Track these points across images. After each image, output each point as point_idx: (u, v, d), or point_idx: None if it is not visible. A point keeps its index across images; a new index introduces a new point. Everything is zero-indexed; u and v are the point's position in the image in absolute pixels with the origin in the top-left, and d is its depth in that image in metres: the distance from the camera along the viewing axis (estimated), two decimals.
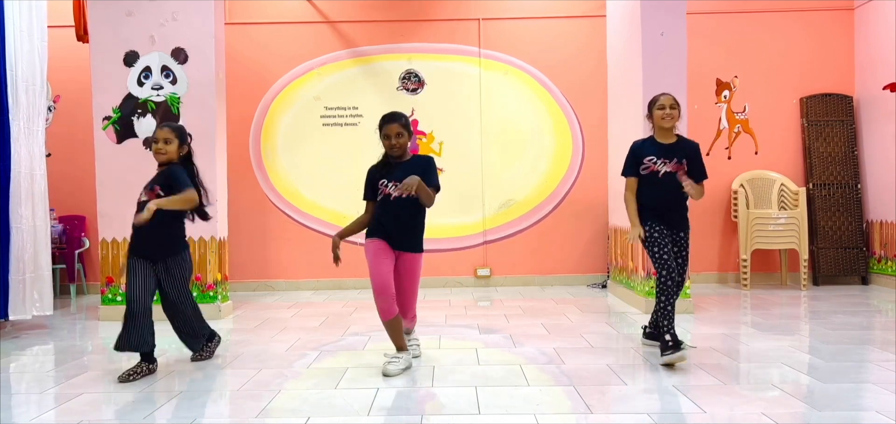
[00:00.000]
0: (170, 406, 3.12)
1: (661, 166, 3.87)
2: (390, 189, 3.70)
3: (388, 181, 3.71)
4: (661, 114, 3.89)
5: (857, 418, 2.81)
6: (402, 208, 3.69)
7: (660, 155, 3.89)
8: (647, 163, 3.90)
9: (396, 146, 3.70)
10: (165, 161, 3.80)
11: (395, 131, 3.69)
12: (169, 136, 3.81)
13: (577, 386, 3.33)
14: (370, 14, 7.37)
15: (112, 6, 5.49)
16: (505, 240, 7.40)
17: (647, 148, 3.95)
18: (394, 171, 3.71)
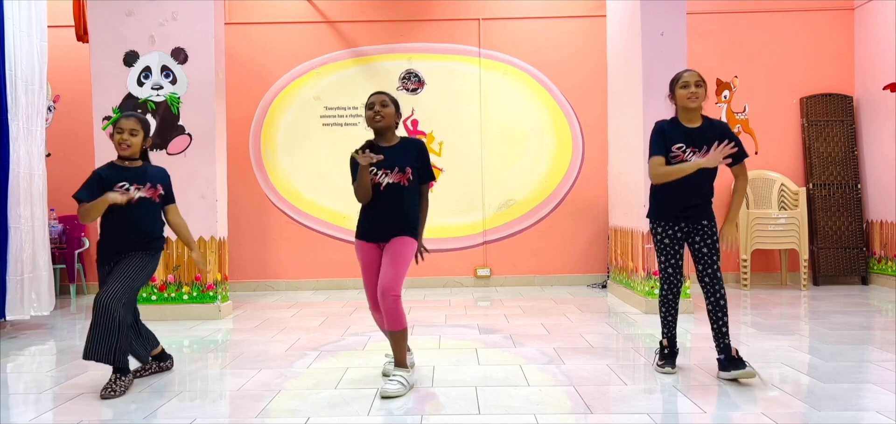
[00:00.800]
0: (170, 406, 3.12)
1: (689, 156, 3.39)
2: (380, 178, 3.35)
3: (378, 169, 3.35)
4: (685, 94, 3.41)
5: (857, 418, 2.81)
6: (394, 198, 3.36)
7: (689, 143, 3.41)
8: (676, 151, 3.41)
9: (381, 116, 3.37)
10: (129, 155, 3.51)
11: (380, 101, 3.40)
12: (135, 126, 3.52)
13: (577, 386, 3.33)
14: (370, 14, 7.37)
15: (112, 6, 5.49)
16: (505, 240, 7.40)
17: (673, 133, 3.45)
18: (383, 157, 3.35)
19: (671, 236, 3.50)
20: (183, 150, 5.49)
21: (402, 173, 3.37)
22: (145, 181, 3.57)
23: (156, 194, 3.60)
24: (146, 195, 3.55)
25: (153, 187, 3.59)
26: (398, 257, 3.31)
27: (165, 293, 5.47)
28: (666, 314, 3.61)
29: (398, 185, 3.36)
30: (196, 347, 4.52)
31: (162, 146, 5.50)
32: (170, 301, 5.46)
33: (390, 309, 3.26)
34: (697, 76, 3.44)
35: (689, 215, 3.47)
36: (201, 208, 5.46)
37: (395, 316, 3.28)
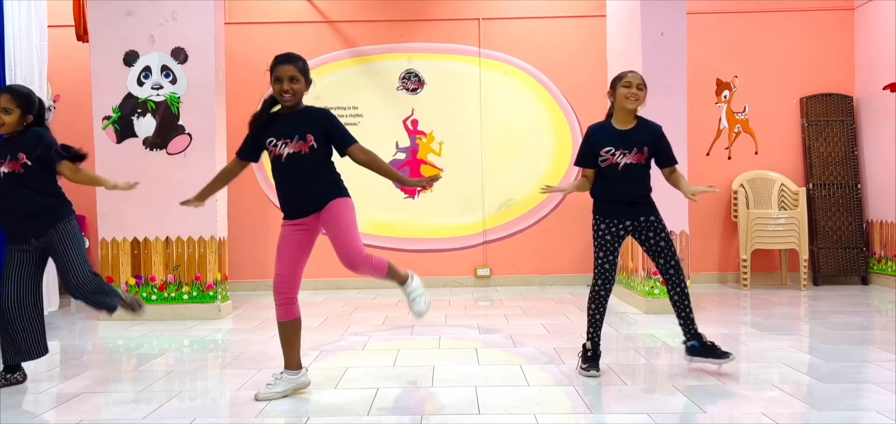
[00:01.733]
0: (169, 406, 3.12)
1: (620, 158, 3.45)
2: (281, 148, 3.09)
3: (277, 139, 3.10)
4: (625, 93, 3.44)
5: (857, 418, 2.81)
6: (300, 167, 3.09)
7: (618, 145, 3.46)
8: (605, 154, 3.47)
9: (289, 92, 3.13)
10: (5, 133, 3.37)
11: (288, 74, 3.12)
12: (8, 105, 3.33)
13: (577, 386, 3.33)
14: (370, 14, 7.37)
15: (112, 6, 5.48)
16: (505, 240, 7.39)
17: (603, 136, 3.53)
18: (283, 124, 3.14)
19: (613, 233, 3.54)
20: (183, 150, 5.49)
21: (302, 140, 3.09)
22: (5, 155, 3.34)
23: (17, 165, 3.33)
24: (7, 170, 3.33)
25: (13, 158, 3.33)
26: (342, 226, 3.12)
27: (165, 293, 5.47)
28: (594, 312, 3.55)
29: (299, 154, 3.08)
30: (196, 347, 4.52)
31: (162, 146, 5.50)
32: (170, 301, 5.46)
33: (366, 267, 3.16)
34: (640, 79, 3.49)
35: (633, 211, 3.51)
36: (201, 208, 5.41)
37: (375, 269, 3.21)
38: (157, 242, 5.47)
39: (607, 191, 3.55)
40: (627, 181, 3.48)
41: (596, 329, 3.56)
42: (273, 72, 3.18)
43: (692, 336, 3.57)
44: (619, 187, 3.50)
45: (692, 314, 3.58)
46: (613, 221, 3.53)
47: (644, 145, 3.48)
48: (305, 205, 3.14)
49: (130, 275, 5.46)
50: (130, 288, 5.45)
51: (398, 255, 7.31)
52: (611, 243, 3.54)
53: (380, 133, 7.21)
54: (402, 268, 3.38)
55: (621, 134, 3.50)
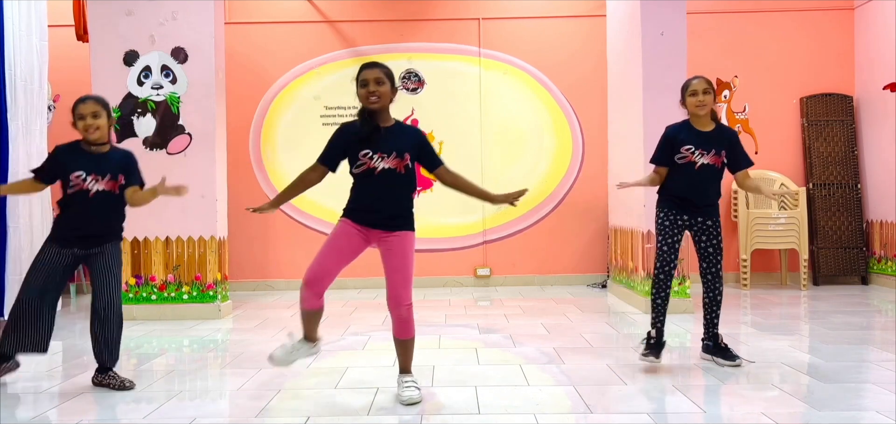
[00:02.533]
0: (169, 406, 3.12)
1: (698, 158, 3.60)
2: (376, 162, 3.06)
3: (374, 153, 3.07)
4: (694, 102, 3.61)
5: (857, 418, 2.81)
6: (391, 184, 3.09)
7: (698, 145, 3.60)
8: (685, 152, 3.61)
9: (376, 95, 3.11)
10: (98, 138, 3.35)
11: (374, 77, 3.11)
12: (97, 109, 3.33)
13: (577, 386, 3.33)
14: (370, 14, 7.37)
15: (112, 6, 5.48)
16: (505, 240, 7.39)
17: (684, 135, 3.65)
18: (380, 140, 3.11)
19: (672, 220, 3.68)
20: (183, 150, 5.49)
21: (399, 158, 3.08)
22: (106, 172, 3.36)
23: (115, 186, 3.39)
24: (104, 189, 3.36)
25: (113, 178, 3.38)
26: (405, 262, 3.09)
27: (165, 292, 5.47)
28: (656, 296, 3.67)
29: (394, 171, 3.08)
30: (196, 347, 4.52)
31: (162, 146, 5.50)
32: (170, 301, 5.46)
33: (404, 318, 3.12)
34: (706, 84, 3.63)
35: (696, 212, 3.68)
36: (201, 208, 5.45)
37: (407, 325, 3.14)
38: (156, 242, 5.47)
39: (679, 189, 3.67)
40: (701, 182, 3.62)
41: (658, 316, 3.66)
42: (359, 77, 3.19)
43: (710, 337, 3.76)
44: (693, 186, 3.64)
45: (717, 320, 3.75)
46: (673, 211, 3.67)
47: (722, 149, 3.63)
48: (390, 223, 3.12)
49: (130, 275, 5.46)
50: (130, 288, 5.45)
51: None
52: (670, 228, 3.67)
53: None
54: None
55: (702, 135, 3.64)
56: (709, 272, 3.71)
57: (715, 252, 3.68)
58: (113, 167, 3.38)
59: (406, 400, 3.07)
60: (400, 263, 3.09)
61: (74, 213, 3.37)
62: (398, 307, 3.10)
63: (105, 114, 3.38)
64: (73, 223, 3.38)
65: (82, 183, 3.31)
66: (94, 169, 3.34)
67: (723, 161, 3.65)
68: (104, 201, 3.37)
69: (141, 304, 5.44)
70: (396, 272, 3.08)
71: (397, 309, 3.10)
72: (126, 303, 5.36)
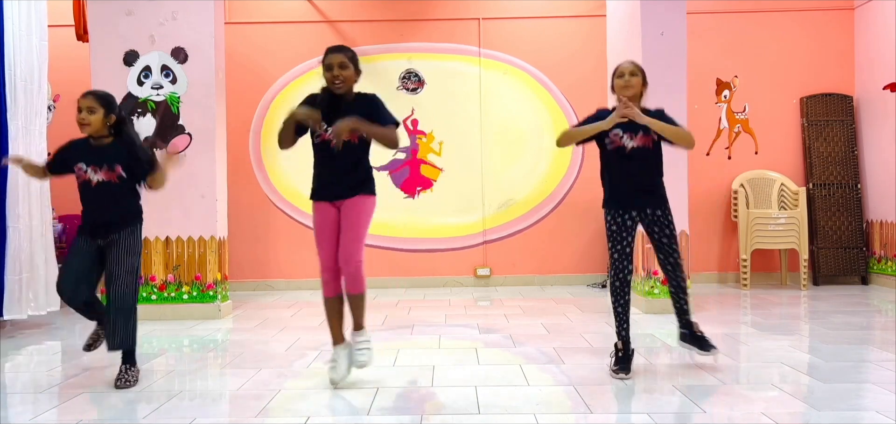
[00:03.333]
0: (169, 406, 3.12)
1: (628, 141, 3.50)
2: (329, 135, 3.30)
3: (329, 126, 3.30)
4: (620, 83, 3.53)
5: (857, 418, 2.81)
6: (341, 156, 3.30)
7: (625, 128, 3.50)
8: (613, 137, 3.52)
9: (339, 78, 3.30)
10: (90, 133, 3.49)
11: (338, 61, 3.31)
12: (92, 104, 3.45)
13: (577, 386, 3.33)
14: (370, 14, 7.37)
15: (112, 6, 5.48)
16: (505, 240, 7.39)
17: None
18: (336, 113, 3.30)
19: (620, 224, 3.56)
20: (183, 150, 5.49)
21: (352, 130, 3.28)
22: (102, 163, 3.47)
23: (113, 176, 3.48)
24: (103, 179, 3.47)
25: (110, 168, 3.48)
26: (358, 222, 3.33)
27: (165, 292, 5.47)
28: (615, 305, 3.58)
29: (350, 143, 3.30)
30: (196, 347, 4.52)
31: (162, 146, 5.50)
32: (170, 301, 5.46)
33: (353, 274, 3.34)
34: (633, 66, 3.58)
35: (639, 202, 3.56)
36: (201, 208, 5.46)
37: (357, 280, 3.35)
38: (157, 241, 5.47)
39: (615, 177, 3.59)
40: (636, 167, 3.53)
41: (621, 324, 3.57)
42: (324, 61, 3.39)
43: (684, 325, 3.72)
44: (628, 172, 3.55)
45: (686, 307, 3.70)
46: (619, 211, 3.57)
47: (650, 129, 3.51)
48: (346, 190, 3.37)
49: None
50: None
51: (398, 255, 7.32)
52: (618, 232, 3.56)
53: None
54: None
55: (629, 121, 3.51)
56: (668, 261, 3.60)
57: (669, 241, 3.57)
58: (111, 158, 3.50)
59: (359, 364, 3.38)
60: (353, 223, 3.33)
61: (86, 204, 3.55)
62: (347, 264, 3.32)
63: (102, 110, 3.48)
64: (87, 215, 3.56)
65: (84, 174, 3.49)
66: (94, 161, 3.49)
67: (654, 139, 3.53)
68: (105, 191, 3.49)
69: (141, 304, 5.37)
70: (348, 232, 3.33)
71: (347, 266, 3.33)
72: None
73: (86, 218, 3.56)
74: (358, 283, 3.36)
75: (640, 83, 3.57)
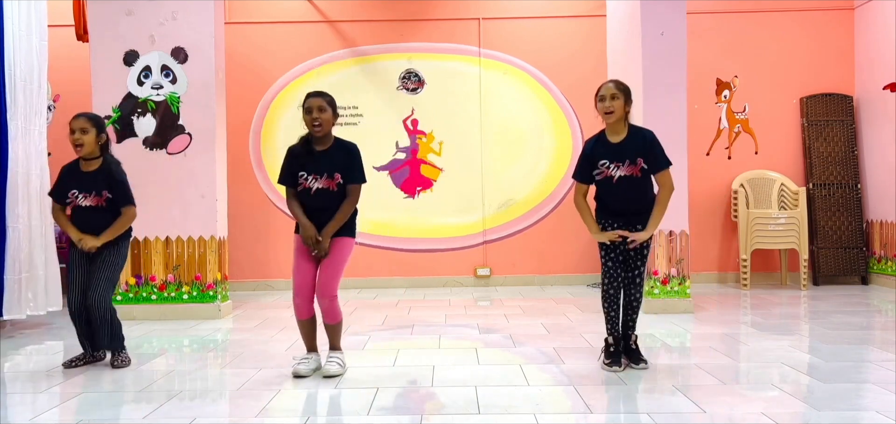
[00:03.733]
0: (169, 406, 3.12)
1: (614, 171, 3.48)
2: (310, 183, 3.50)
3: (308, 174, 3.50)
4: (602, 108, 3.49)
5: (857, 418, 2.81)
6: (322, 201, 3.51)
7: (611, 158, 3.49)
8: (601, 167, 3.52)
9: (318, 121, 3.46)
10: (87, 154, 3.78)
11: (317, 105, 3.48)
12: (85, 125, 3.75)
13: (577, 386, 3.33)
14: (370, 14, 7.37)
15: (112, 5, 5.48)
16: (505, 240, 7.39)
17: (600, 150, 3.55)
18: (314, 161, 3.51)
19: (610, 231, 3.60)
20: (183, 149, 5.49)
21: (330, 179, 3.50)
22: (91, 189, 3.79)
23: (102, 200, 3.79)
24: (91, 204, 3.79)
25: (98, 194, 3.79)
26: (336, 262, 3.55)
27: (165, 292, 5.47)
28: (609, 309, 3.65)
29: (327, 190, 3.50)
30: (196, 347, 4.52)
31: (162, 146, 5.50)
32: (170, 301, 5.46)
33: (328, 308, 3.58)
34: (613, 89, 3.51)
35: (627, 220, 3.57)
36: (201, 208, 5.46)
37: (332, 313, 3.62)
38: (157, 241, 5.47)
39: (605, 198, 3.64)
40: (623, 193, 3.54)
41: (613, 325, 3.65)
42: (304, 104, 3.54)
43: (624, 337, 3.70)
44: (616, 198, 3.57)
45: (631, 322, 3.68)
46: (608, 222, 3.62)
47: (637, 156, 3.48)
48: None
49: (130, 275, 5.46)
50: (130, 288, 5.45)
51: (398, 255, 7.32)
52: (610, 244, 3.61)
53: (380, 133, 7.22)
54: None
55: (614, 147, 3.52)
56: (628, 276, 3.61)
57: (635, 256, 3.58)
58: (98, 184, 3.81)
59: (326, 373, 3.55)
60: (333, 261, 3.55)
61: (77, 223, 3.85)
62: (323, 296, 3.55)
63: (94, 130, 3.77)
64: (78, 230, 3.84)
65: (75, 200, 3.82)
66: (84, 188, 3.81)
67: (642, 168, 3.48)
68: (94, 213, 3.81)
69: (141, 304, 5.44)
70: (328, 268, 3.55)
71: (323, 298, 3.56)
72: (126, 303, 5.38)
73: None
74: (334, 314, 3.63)
75: (623, 106, 3.51)
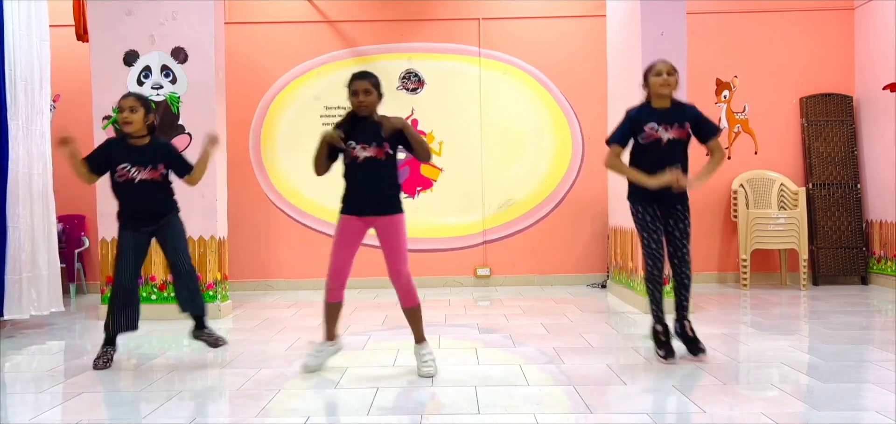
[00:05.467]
0: (169, 406, 3.12)
1: (663, 133, 3.60)
2: (358, 151, 3.46)
3: (356, 143, 3.47)
4: (658, 81, 3.62)
5: (856, 418, 2.81)
6: (372, 171, 3.49)
7: (661, 121, 3.61)
8: (649, 131, 3.61)
9: (364, 103, 3.46)
10: (135, 131, 3.80)
11: (363, 88, 3.46)
12: (134, 104, 3.77)
13: (577, 386, 3.33)
14: (370, 14, 7.37)
15: (112, 5, 5.48)
16: (505, 240, 7.40)
17: (645, 115, 3.66)
18: (361, 130, 3.48)
19: (651, 214, 3.71)
20: (183, 149, 5.48)
21: (379, 147, 3.47)
22: (146, 163, 3.79)
23: (157, 174, 3.82)
24: (147, 178, 3.80)
25: (154, 167, 3.81)
26: (398, 241, 3.56)
27: (165, 292, 5.47)
28: (653, 291, 3.73)
29: (375, 159, 3.47)
30: (196, 346, 4.51)
31: None
32: (170, 301, 5.44)
33: (405, 288, 3.58)
34: (670, 66, 3.68)
35: (663, 199, 3.69)
36: (201, 208, 5.45)
37: (410, 293, 3.60)
38: None
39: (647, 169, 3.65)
40: (668, 159, 3.61)
41: (661, 309, 3.72)
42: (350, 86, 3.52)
43: (679, 320, 3.84)
44: (660, 165, 3.62)
45: (686, 304, 3.80)
46: (649, 205, 3.70)
47: (686, 120, 3.66)
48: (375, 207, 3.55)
49: None
50: None
51: None
52: (651, 222, 3.70)
53: None
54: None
55: (662, 112, 3.66)
56: (675, 256, 3.75)
57: (681, 236, 3.71)
58: (154, 158, 3.83)
59: (425, 374, 3.53)
60: (395, 241, 3.56)
61: (127, 200, 3.83)
62: (398, 277, 3.58)
63: (142, 109, 3.79)
64: (130, 209, 3.84)
65: (127, 173, 3.78)
66: (137, 161, 3.78)
67: (688, 133, 3.68)
68: (150, 188, 3.83)
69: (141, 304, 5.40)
70: (393, 249, 3.57)
71: (398, 279, 3.58)
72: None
73: (127, 213, 3.85)
74: (411, 296, 3.61)
75: (676, 82, 3.69)
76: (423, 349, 3.66)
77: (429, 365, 3.58)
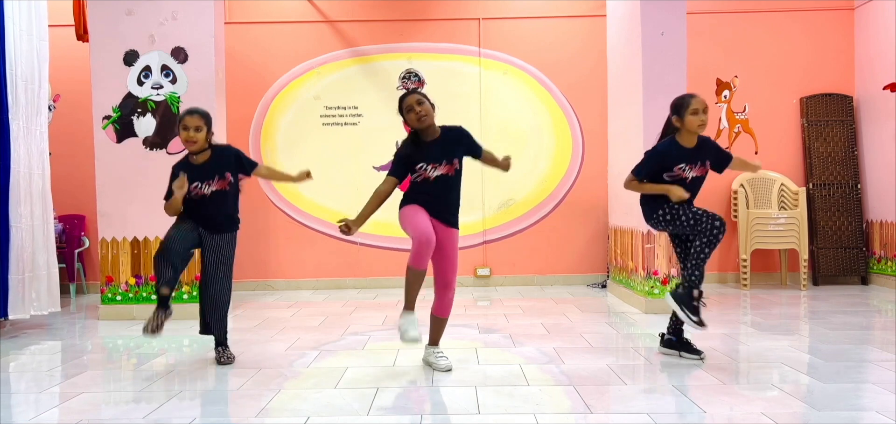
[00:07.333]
0: (169, 406, 3.12)
1: (689, 172, 3.75)
2: (430, 172, 3.59)
3: (427, 164, 3.58)
4: (696, 121, 3.67)
5: (856, 418, 2.81)
6: (444, 188, 3.64)
7: (688, 162, 3.74)
8: (678, 171, 3.73)
9: (422, 115, 3.56)
10: (198, 149, 3.78)
11: (415, 100, 3.58)
12: (199, 123, 3.75)
13: (577, 386, 3.33)
14: (370, 14, 7.37)
15: (112, 5, 5.48)
16: (505, 240, 7.40)
17: (675, 154, 3.75)
18: (430, 151, 3.61)
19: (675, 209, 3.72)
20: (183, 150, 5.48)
21: (449, 164, 3.62)
22: (213, 175, 3.82)
23: (225, 183, 3.86)
24: (217, 188, 3.83)
25: (221, 177, 3.84)
26: (454, 255, 3.73)
27: None
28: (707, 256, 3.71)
29: (446, 176, 3.62)
30: (196, 347, 4.52)
31: (162, 146, 5.50)
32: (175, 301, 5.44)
33: (450, 299, 3.77)
34: (706, 104, 3.75)
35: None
36: None
37: (449, 306, 3.79)
38: (157, 241, 5.46)
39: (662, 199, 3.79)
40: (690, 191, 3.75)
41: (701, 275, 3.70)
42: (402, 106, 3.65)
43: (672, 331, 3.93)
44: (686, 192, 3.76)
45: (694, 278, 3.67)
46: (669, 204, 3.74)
47: (707, 159, 3.81)
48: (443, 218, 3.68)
49: (130, 275, 5.46)
50: (130, 288, 5.45)
51: (399, 255, 7.31)
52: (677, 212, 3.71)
53: (380, 133, 7.21)
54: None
55: (689, 151, 3.76)
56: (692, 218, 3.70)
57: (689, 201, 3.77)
58: (220, 169, 3.86)
59: (443, 368, 3.65)
60: (451, 254, 3.72)
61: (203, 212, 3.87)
62: (448, 288, 3.76)
63: (206, 127, 3.78)
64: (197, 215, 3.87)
65: (199, 191, 3.81)
66: (206, 176, 3.81)
67: (707, 170, 3.83)
68: (222, 196, 3.89)
69: (141, 304, 5.44)
70: (451, 261, 3.73)
71: (447, 290, 3.75)
72: (126, 303, 5.39)
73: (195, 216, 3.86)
74: (449, 308, 3.80)
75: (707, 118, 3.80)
76: (437, 348, 3.81)
77: (445, 359, 3.72)
